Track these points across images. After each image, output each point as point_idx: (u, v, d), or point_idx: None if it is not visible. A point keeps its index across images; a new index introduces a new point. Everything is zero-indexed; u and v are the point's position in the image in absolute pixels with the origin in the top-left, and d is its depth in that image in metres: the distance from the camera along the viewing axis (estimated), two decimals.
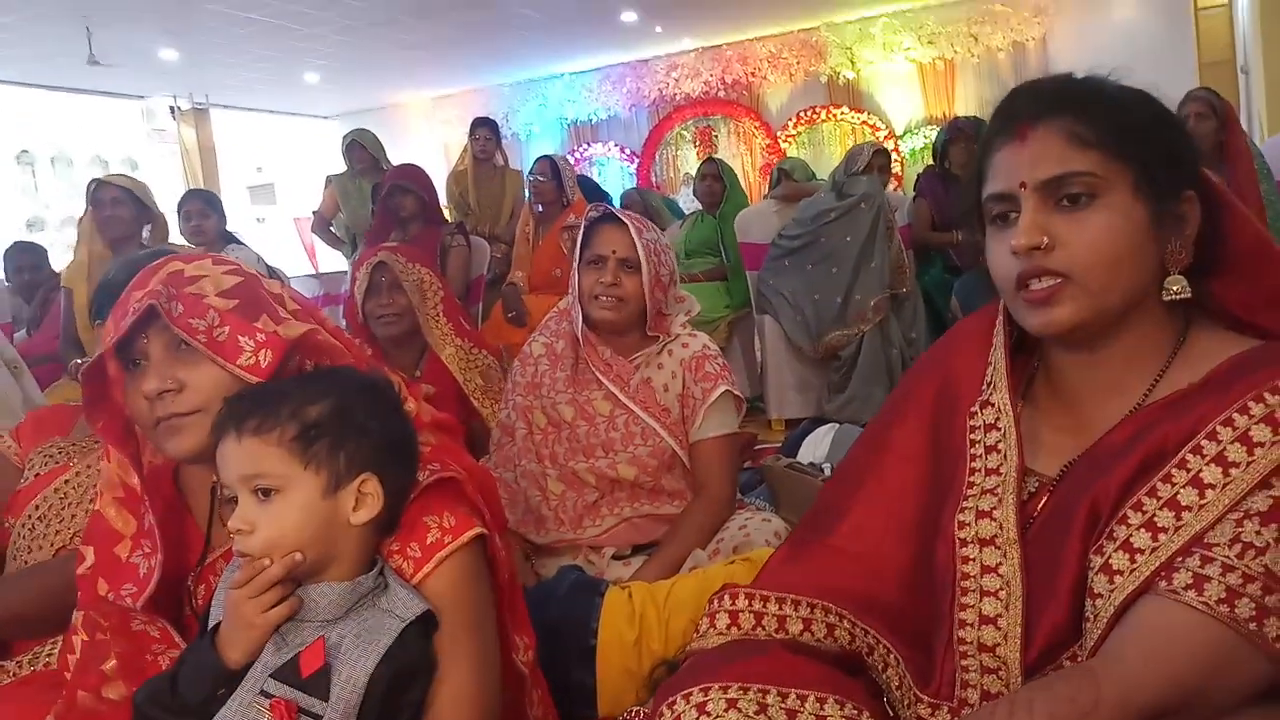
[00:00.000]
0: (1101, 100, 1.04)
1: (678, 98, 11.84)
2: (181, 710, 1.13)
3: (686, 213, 6.44)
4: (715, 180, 5.37)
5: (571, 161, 5.81)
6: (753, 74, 11.55)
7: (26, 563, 1.69)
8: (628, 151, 12.06)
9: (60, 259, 5.45)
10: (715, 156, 6.15)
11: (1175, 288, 1.04)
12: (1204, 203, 1.06)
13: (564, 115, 12.29)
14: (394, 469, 1.21)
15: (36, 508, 1.72)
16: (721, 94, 11.67)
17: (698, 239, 5.34)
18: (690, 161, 11.34)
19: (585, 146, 12.20)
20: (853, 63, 11.06)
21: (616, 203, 6.70)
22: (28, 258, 5.14)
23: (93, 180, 3.85)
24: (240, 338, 1.24)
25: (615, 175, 11.99)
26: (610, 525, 2.17)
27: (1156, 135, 1.03)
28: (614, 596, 1.86)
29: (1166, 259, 1.04)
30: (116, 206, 3.74)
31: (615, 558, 2.14)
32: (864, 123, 10.72)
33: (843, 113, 10.87)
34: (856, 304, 4.27)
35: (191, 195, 4.68)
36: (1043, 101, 1.05)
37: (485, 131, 5.46)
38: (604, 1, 9.16)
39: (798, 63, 11.37)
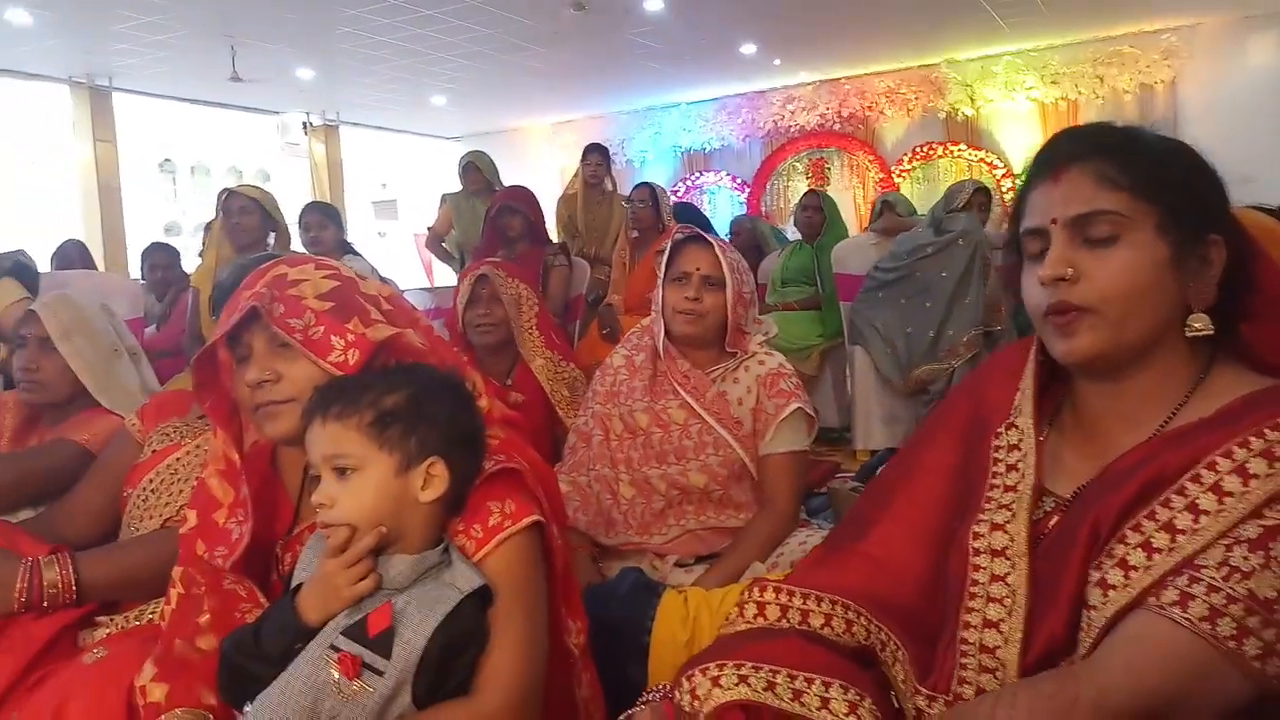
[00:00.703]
0: (1133, 146, 1.12)
1: (792, 129, 11.90)
2: (262, 658, 1.27)
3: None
4: (816, 212, 5.45)
5: (668, 190, 5.93)
6: (869, 108, 11.54)
7: (137, 530, 1.88)
8: (739, 181, 12.16)
9: (193, 263, 5.83)
10: (817, 189, 6.21)
11: (1198, 325, 1.10)
12: (1235, 248, 1.12)
13: (678, 143, 12.46)
14: (460, 455, 1.34)
15: (150, 480, 1.90)
16: (837, 127, 11.68)
17: (795, 267, 5.41)
18: (801, 193, 11.38)
19: (697, 175, 12.35)
20: (972, 100, 10.96)
21: (724, 228, 6.81)
22: (163, 257, 5.52)
23: (224, 190, 4.13)
24: (332, 337, 1.39)
25: (726, 204, 12.11)
26: (675, 535, 2.26)
27: (1183, 181, 1.10)
28: (670, 599, 1.95)
29: (1190, 298, 1.10)
30: (244, 215, 4.00)
31: (678, 565, 2.24)
32: (981, 160, 10.60)
33: (960, 149, 10.76)
34: (948, 339, 4.29)
35: (311, 208, 4.88)
36: (1078, 145, 1.13)
37: (596, 157, 5.63)
38: (725, 34, 9.31)
39: (916, 98, 11.32)
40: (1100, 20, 9.62)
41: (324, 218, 4.71)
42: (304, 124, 11.45)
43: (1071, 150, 1.13)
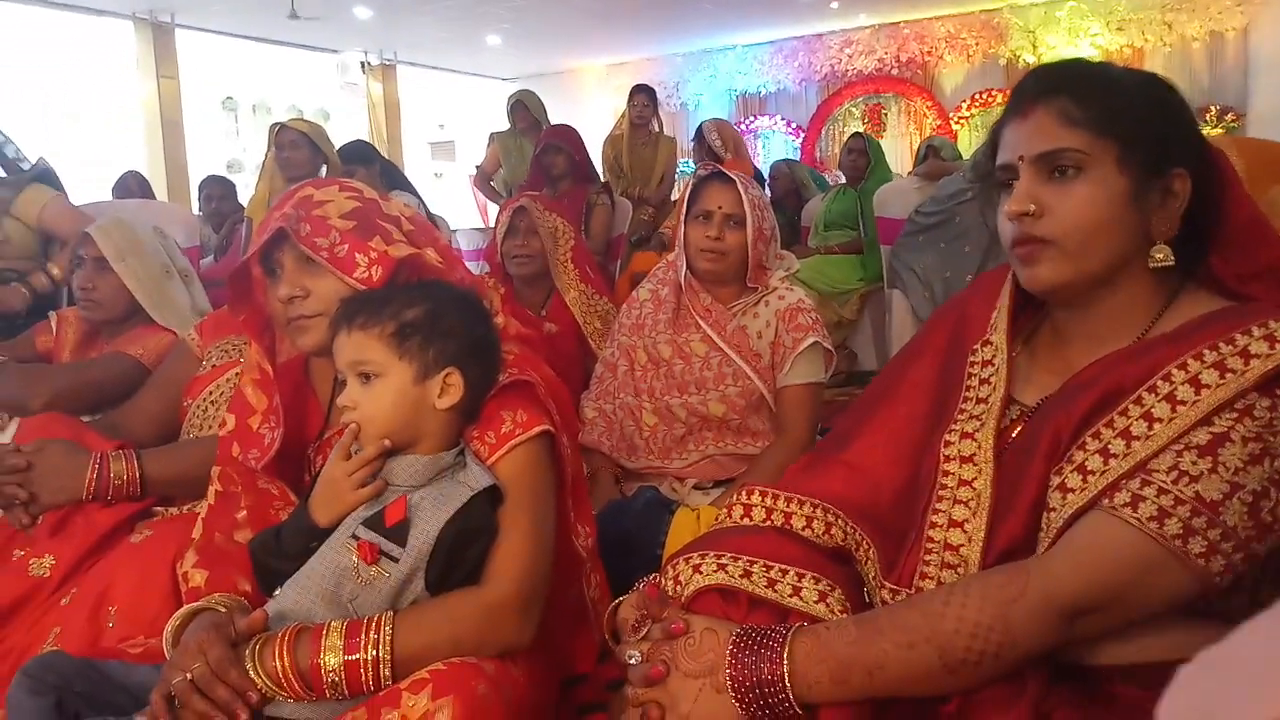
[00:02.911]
0: (1095, 83, 1.15)
1: (849, 74, 11.79)
2: (284, 556, 1.39)
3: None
4: (860, 155, 5.44)
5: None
6: (929, 53, 11.39)
7: (198, 437, 2.01)
8: (794, 125, 12.07)
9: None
10: (861, 132, 6.19)
11: (1159, 255, 1.15)
12: (1206, 181, 1.16)
13: (733, 87, 12.40)
14: (475, 366, 1.44)
15: (209, 393, 2.03)
16: (895, 72, 11.56)
17: (838, 211, 5.42)
18: None
19: (752, 119, 12.28)
20: (1034, 46, 10.77)
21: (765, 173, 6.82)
22: (218, 189, 5.69)
23: (275, 124, 4.26)
24: (356, 254, 1.49)
25: (780, 148, 12.04)
26: (695, 460, 2.36)
27: (1144, 116, 1.14)
28: (683, 515, 2.05)
29: (1153, 229, 1.15)
30: (295, 149, 4.13)
31: (697, 488, 2.33)
32: None
33: None
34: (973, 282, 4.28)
35: (345, 149, 4.86)
36: (1044, 83, 1.17)
37: (643, 98, 5.66)
38: None
39: (976, 44, 11.15)
40: None
41: (354, 163, 4.66)
42: (362, 63, 11.56)
43: (1038, 88, 1.17)
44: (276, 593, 1.38)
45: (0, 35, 8.70)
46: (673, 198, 5.60)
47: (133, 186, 5.91)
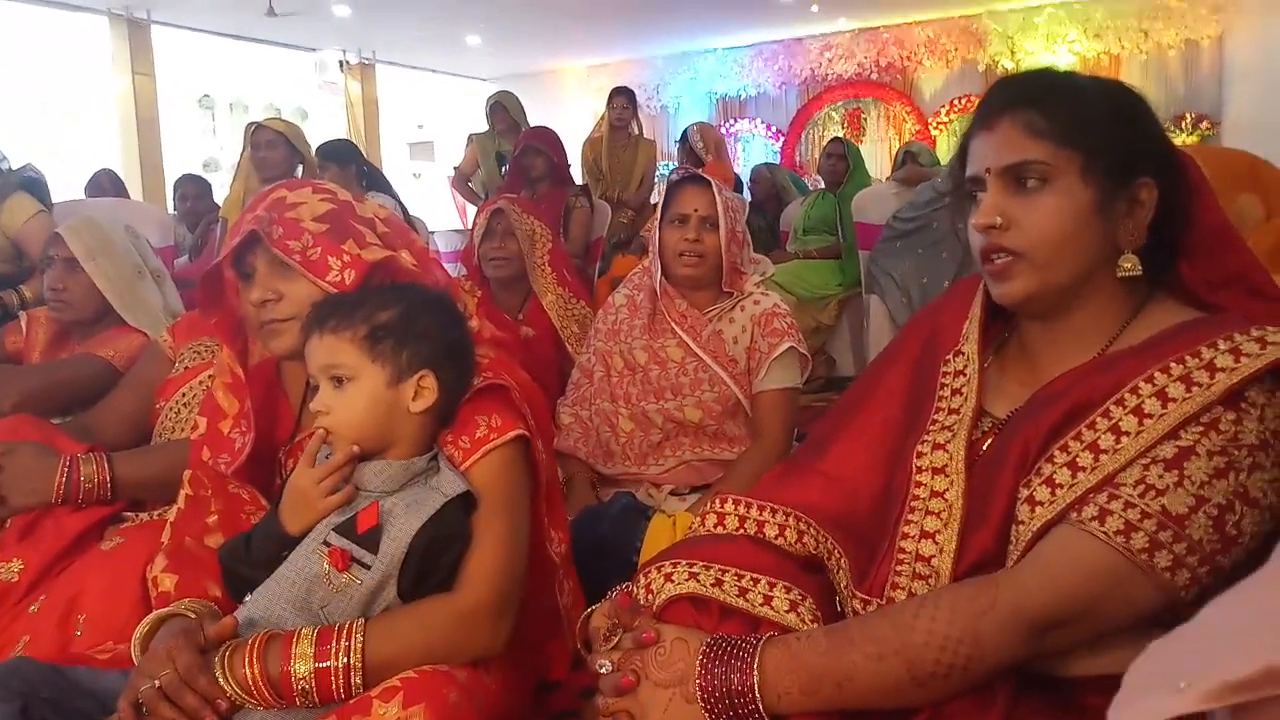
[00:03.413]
0: (1059, 94, 1.15)
1: (829, 78, 11.83)
2: (254, 563, 1.38)
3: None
4: (839, 160, 5.46)
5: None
6: (908, 58, 11.45)
7: (169, 439, 2.00)
8: (773, 129, 12.10)
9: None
10: (841, 136, 6.22)
11: (1127, 265, 1.15)
12: (1173, 190, 1.16)
13: (713, 90, 12.42)
14: (449, 369, 1.43)
15: (183, 395, 2.02)
16: (874, 76, 11.61)
17: (816, 216, 5.44)
18: None
19: (732, 122, 12.30)
20: (1013, 52, 10.85)
21: (746, 178, 6.84)
22: (193, 188, 5.65)
23: (251, 123, 4.24)
24: (329, 258, 1.48)
25: (760, 152, 12.06)
26: (672, 465, 2.36)
27: (1107, 125, 1.14)
28: (659, 521, 2.05)
29: (1120, 239, 1.15)
30: (271, 149, 4.11)
31: (673, 494, 2.33)
32: None
33: None
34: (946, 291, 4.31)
35: (325, 146, 4.79)
36: (1009, 94, 1.17)
37: (622, 100, 5.65)
38: None
39: (955, 49, 11.22)
40: None
41: (333, 161, 4.59)
42: (340, 62, 11.51)
43: (1003, 100, 1.17)
44: (247, 599, 1.37)
45: None
46: (652, 200, 5.60)
47: (106, 185, 5.86)
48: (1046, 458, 1.09)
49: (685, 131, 5.53)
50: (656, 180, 5.68)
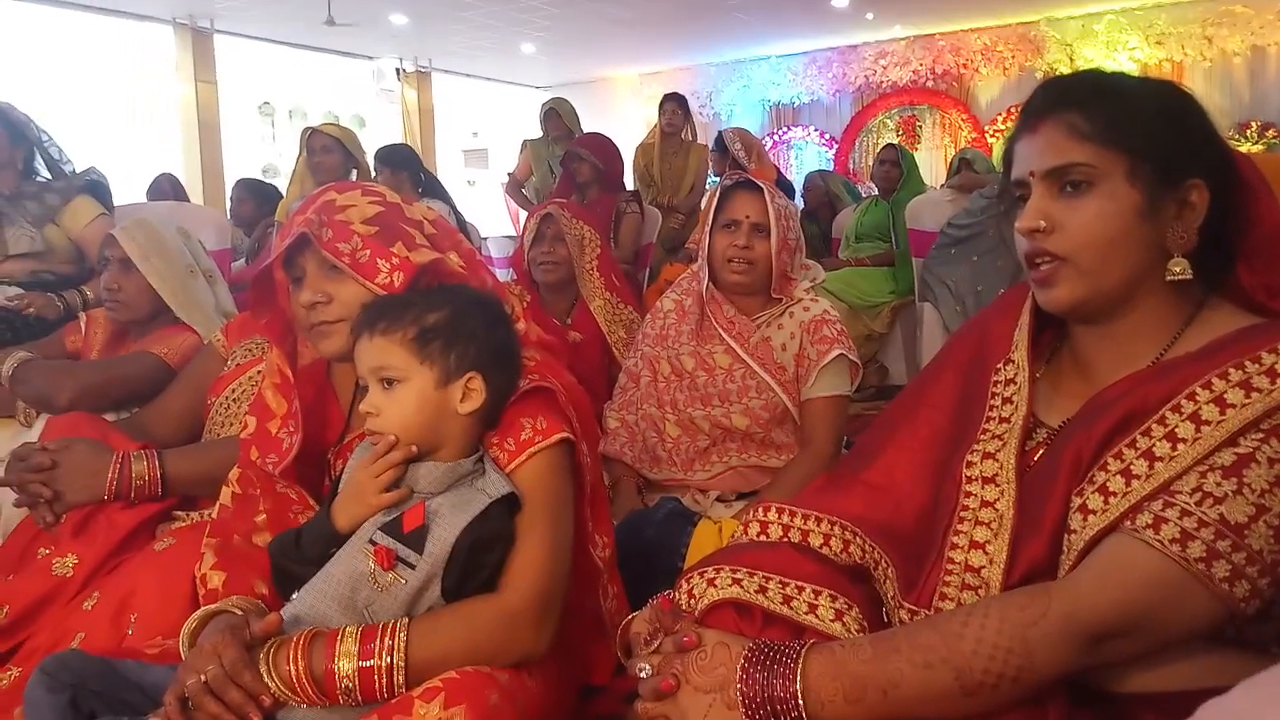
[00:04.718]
0: (1103, 96, 1.13)
1: (884, 85, 11.74)
2: (302, 559, 1.39)
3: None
4: (893, 166, 5.42)
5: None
6: (964, 65, 11.32)
7: (219, 435, 2.03)
8: (827, 137, 12.03)
9: None
10: (895, 143, 6.16)
11: (1176, 269, 1.12)
12: (1228, 191, 1.13)
13: (766, 97, 12.38)
14: (496, 371, 1.43)
15: (233, 390, 2.06)
16: (930, 84, 11.50)
17: (869, 223, 5.40)
18: None
19: (785, 130, 12.27)
20: (1071, 59, 10.67)
21: (799, 185, 6.81)
22: (249, 192, 5.72)
23: (307, 128, 4.31)
24: (378, 260, 1.49)
25: (813, 159, 12.01)
26: (718, 471, 2.34)
27: (1153, 127, 1.11)
28: (705, 527, 2.04)
29: (1170, 242, 1.12)
30: (326, 154, 4.18)
31: (719, 500, 2.31)
32: None
33: None
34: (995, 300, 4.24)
35: (383, 151, 4.83)
36: (1052, 97, 1.16)
37: (673, 105, 5.66)
38: None
39: (1013, 56, 11.07)
40: None
41: (392, 166, 4.62)
42: (397, 70, 11.64)
43: (1046, 102, 1.16)
44: (293, 596, 1.38)
45: (42, 38, 8.83)
46: (702, 206, 5.58)
47: (166, 189, 5.97)
48: (1100, 465, 1.07)
49: (720, 136, 5.45)
50: (708, 186, 5.66)
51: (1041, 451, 1.19)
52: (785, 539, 1.31)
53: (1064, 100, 1.14)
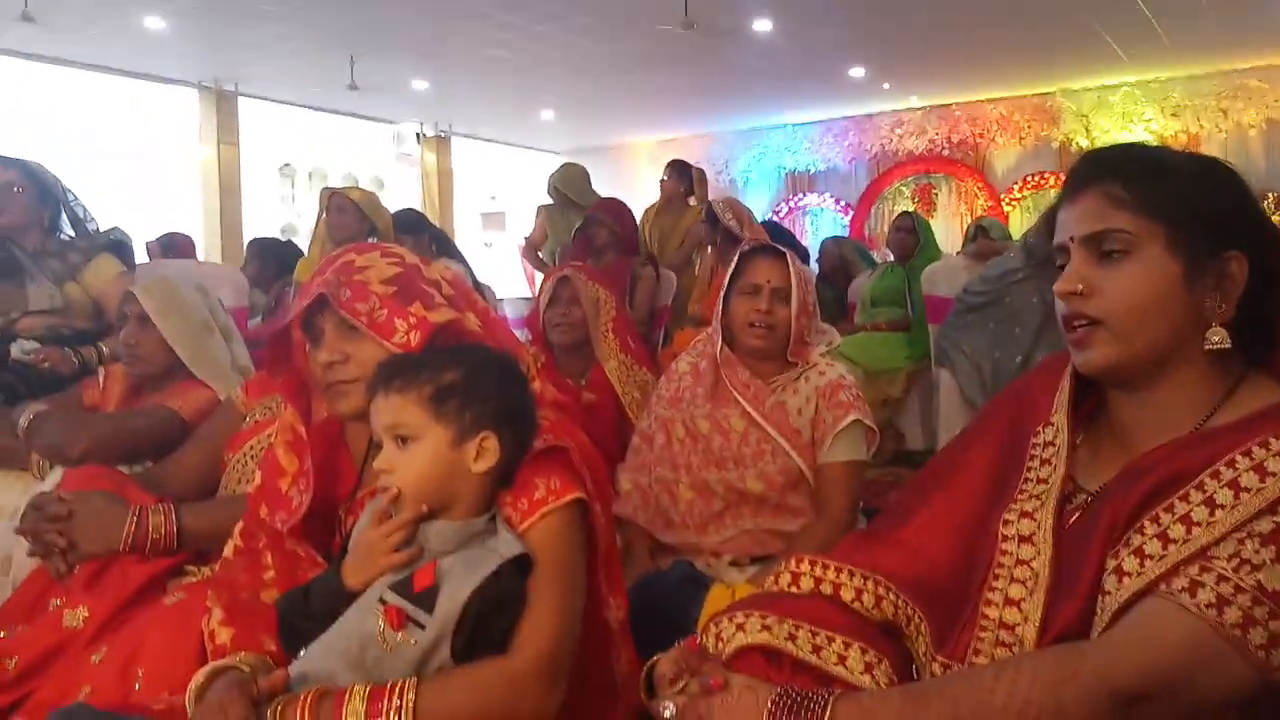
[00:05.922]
0: (1143, 167, 1.16)
1: (899, 154, 11.83)
2: (311, 616, 1.38)
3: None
4: (909, 234, 5.44)
5: (770, 210, 6.01)
6: (980, 135, 11.42)
7: (236, 491, 2.04)
8: (843, 203, 12.11)
9: None
10: (911, 210, 6.19)
11: (1215, 339, 1.13)
12: (1270, 265, 1.14)
13: (782, 164, 12.49)
14: (511, 431, 1.42)
15: (250, 447, 2.07)
16: (946, 152, 11.59)
17: (885, 288, 5.41)
18: None
19: (801, 196, 12.35)
20: (1087, 130, 10.76)
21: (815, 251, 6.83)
22: (255, 254, 5.78)
23: (326, 189, 4.39)
24: (396, 320, 1.49)
25: (829, 226, 12.07)
26: (732, 535, 2.31)
27: (1195, 199, 1.13)
28: (718, 592, 2.00)
29: (1207, 312, 1.13)
30: (341, 213, 4.26)
31: (732, 564, 2.29)
32: None
33: None
34: (1036, 365, 4.23)
35: (398, 215, 4.89)
36: (1094, 167, 1.19)
37: (670, 171, 5.72)
38: (834, 57, 9.34)
39: (1029, 126, 11.17)
40: (1226, 52, 9.36)
41: (402, 232, 4.66)
42: (417, 134, 11.81)
43: (1087, 172, 1.19)
44: (300, 654, 1.36)
45: (69, 100, 9.04)
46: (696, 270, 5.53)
47: (177, 245, 6.05)
48: (1136, 529, 1.07)
49: (710, 207, 5.19)
50: (695, 258, 5.62)
51: (1078, 515, 1.19)
52: (817, 590, 1.30)
53: (1104, 170, 1.17)
